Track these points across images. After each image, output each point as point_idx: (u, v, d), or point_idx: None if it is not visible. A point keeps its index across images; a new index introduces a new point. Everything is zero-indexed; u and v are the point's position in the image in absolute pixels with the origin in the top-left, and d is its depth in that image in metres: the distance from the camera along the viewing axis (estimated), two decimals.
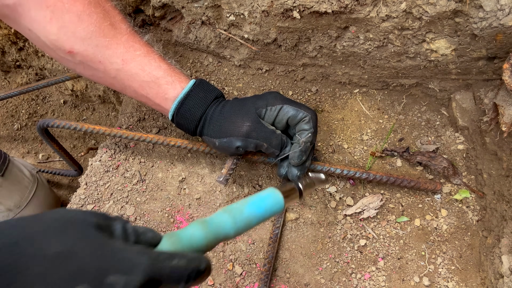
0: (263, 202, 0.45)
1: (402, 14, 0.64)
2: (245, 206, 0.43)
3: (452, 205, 0.75)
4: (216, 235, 0.39)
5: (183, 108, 0.69)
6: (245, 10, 0.74)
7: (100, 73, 0.68)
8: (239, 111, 0.69)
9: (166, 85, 0.68)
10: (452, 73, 0.74)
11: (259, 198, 0.45)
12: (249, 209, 0.43)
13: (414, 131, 0.83)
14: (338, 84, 0.90)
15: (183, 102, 0.68)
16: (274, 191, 0.48)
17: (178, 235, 0.35)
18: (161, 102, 0.70)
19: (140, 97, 0.72)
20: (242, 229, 0.42)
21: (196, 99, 0.69)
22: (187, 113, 0.69)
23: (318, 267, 0.73)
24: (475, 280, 0.69)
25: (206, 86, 0.71)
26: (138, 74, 0.67)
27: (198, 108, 0.69)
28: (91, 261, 0.26)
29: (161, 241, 0.34)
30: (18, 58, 1.55)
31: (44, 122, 0.88)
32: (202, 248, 0.37)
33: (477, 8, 0.58)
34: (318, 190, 0.80)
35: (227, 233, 0.40)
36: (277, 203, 0.47)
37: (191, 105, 0.69)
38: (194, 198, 0.83)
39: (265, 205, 0.45)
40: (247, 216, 0.42)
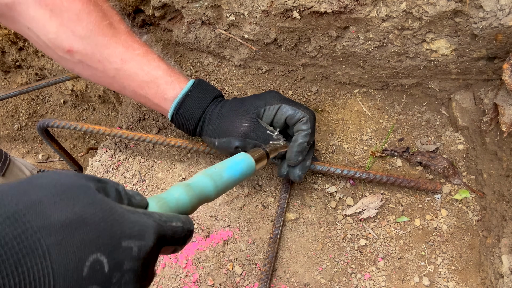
0: (239, 165, 0.49)
1: (402, 14, 0.64)
2: (224, 170, 0.46)
3: (452, 205, 0.75)
4: (200, 198, 0.40)
5: (182, 108, 0.69)
6: (245, 10, 0.74)
7: (99, 72, 0.67)
8: (238, 111, 0.69)
9: (165, 85, 0.68)
10: (452, 73, 0.74)
11: (235, 163, 0.49)
12: (228, 173, 0.46)
13: (414, 131, 0.83)
14: (338, 84, 0.90)
15: (182, 103, 0.68)
16: (246, 156, 0.53)
17: (165, 199, 0.36)
18: (160, 102, 0.70)
19: (139, 97, 0.71)
20: (222, 192, 0.45)
21: (195, 99, 0.69)
22: (187, 114, 0.69)
23: (318, 267, 0.73)
24: (475, 280, 0.69)
25: (205, 86, 0.71)
26: (137, 73, 0.67)
27: (197, 108, 0.69)
28: (104, 228, 0.25)
29: (149, 205, 0.34)
30: (18, 58, 1.55)
31: (44, 122, 0.88)
32: (188, 211, 0.38)
33: (477, 8, 0.58)
34: (318, 190, 0.80)
35: (209, 196, 0.42)
36: (250, 167, 0.52)
37: (190, 105, 0.69)
38: None
39: (241, 169, 0.49)
40: (226, 179, 0.45)
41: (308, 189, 0.81)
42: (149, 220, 0.29)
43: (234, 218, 0.80)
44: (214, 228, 0.80)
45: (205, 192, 0.42)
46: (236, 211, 0.80)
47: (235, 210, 0.80)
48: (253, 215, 0.80)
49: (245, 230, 0.78)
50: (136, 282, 0.26)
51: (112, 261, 0.25)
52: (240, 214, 0.80)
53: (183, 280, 0.76)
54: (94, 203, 0.26)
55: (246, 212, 0.80)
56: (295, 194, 0.81)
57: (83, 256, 0.24)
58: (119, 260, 0.25)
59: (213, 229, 0.80)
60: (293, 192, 0.81)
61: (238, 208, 0.81)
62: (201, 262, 0.77)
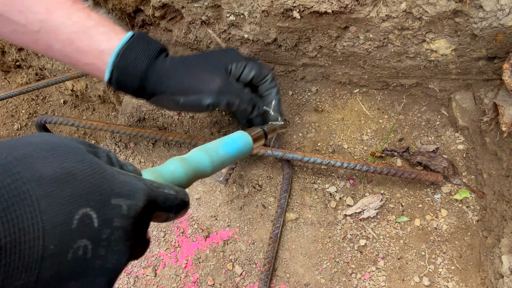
0: (236, 143, 0.49)
1: (402, 14, 0.64)
2: (220, 146, 0.46)
3: (452, 205, 0.75)
4: (195, 172, 0.40)
5: (122, 61, 0.59)
6: (245, 10, 0.74)
7: (20, 27, 0.57)
8: (205, 66, 0.63)
9: (100, 35, 0.59)
10: (452, 73, 0.74)
11: (232, 140, 0.49)
12: (224, 149, 0.46)
13: (414, 131, 0.83)
14: (338, 84, 0.90)
15: (123, 54, 0.59)
16: (244, 133, 0.52)
17: (160, 171, 0.36)
18: (94, 56, 0.59)
19: (69, 56, 0.61)
20: (218, 168, 0.44)
21: (138, 50, 0.60)
22: (130, 67, 0.60)
23: (318, 267, 0.73)
24: (475, 280, 0.69)
25: (147, 38, 0.62)
26: (65, 24, 0.57)
27: (141, 59, 0.60)
28: (94, 184, 0.25)
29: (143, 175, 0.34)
30: (18, 58, 1.55)
31: (42, 119, 0.88)
32: (183, 185, 0.38)
33: (477, 8, 0.58)
34: (318, 190, 0.80)
35: (205, 171, 0.42)
36: (247, 145, 0.51)
37: (133, 56, 0.59)
38: (194, 198, 0.83)
39: (237, 146, 0.49)
40: (222, 156, 0.45)
41: (308, 189, 0.81)
42: (140, 183, 0.28)
43: (234, 218, 0.80)
44: (214, 228, 0.80)
45: (201, 167, 0.41)
46: (236, 211, 0.80)
47: (235, 210, 0.80)
48: (253, 215, 0.80)
49: (245, 230, 0.78)
50: (126, 241, 0.26)
51: (102, 217, 0.25)
52: (240, 214, 0.80)
53: (183, 280, 0.76)
54: (84, 160, 0.26)
55: (246, 212, 0.80)
56: (295, 194, 0.81)
57: (72, 209, 0.23)
58: (109, 216, 0.25)
59: (213, 229, 0.80)
60: (293, 192, 0.81)
61: (238, 208, 0.80)
62: (201, 262, 0.77)
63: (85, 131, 1.84)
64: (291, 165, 0.81)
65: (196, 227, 0.80)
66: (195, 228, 0.80)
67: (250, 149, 0.52)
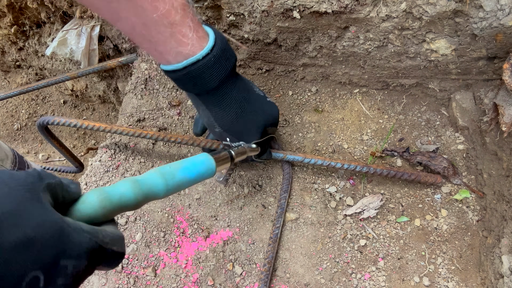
0: (196, 167, 0.48)
1: (402, 14, 0.64)
2: (178, 171, 0.45)
3: (452, 205, 0.75)
4: (146, 196, 0.40)
5: (196, 72, 0.57)
6: (245, 10, 0.74)
7: None
8: (255, 120, 0.68)
9: (180, 37, 0.54)
10: (452, 73, 0.74)
11: (192, 163, 0.48)
12: (182, 174, 0.45)
13: (414, 131, 0.83)
14: (338, 84, 0.90)
15: (200, 67, 0.57)
16: (207, 157, 0.51)
17: (108, 193, 0.36)
18: (165, 51, 0.56)
19: (135, 36, 0.57)
20: (173, 192, 0.44)
21: (215, 68, 0.58)
22: (199, 80, 0.58)
23: (318, 267, 0.73)
24: (475, 280, 0.69)
25: (227, 51, 0.59)
26: (146, 9, 0.51)
27: (214, 79, 0.59)
28: (50, 248, 0.27)
29: (90, 197, 0.34)
30: (18, 58, 1.55)
31: (44, 120, 0.88)
32: (130, 207, 0.38)
33: (477, 8, 0.58)
34: (318, 190, 0.80)
35: (158, 194, 0.42)
36: (209, 169, 0.50)
37: (209, 73, 0.58)
38: (194, 198, 0.83)
39: (197, 170, 0.48)
40: (178, 180, 0.44)
41: (308, 189, 0.81)
42: (91, 242, 0.30)
43: (234, 218, 0.80)
44: (214, 228, 0.80)
45: (154, 190, 0.41)
46: (236, 211, 0.80)
47: (235, 210, 0.80)
48: (253, 215, 0.80)
49: (245, 230, 0.78)
50: None
51: (48, 277, 0.27)
52: (240, 214, 0.80)
53: (183, 280, 0.76)
54: (45, 224, 0.27)
55: (246, 212, 0.80)
56: (295, 194, 0.81)
57: (25, 273, 0.26)
58: (55, 276, 0.27)
59: (213, 229, 0.80)
60: (293, 192, 0.81)
61: (238, 208, 0.80)
62: (201, 262, 0.77)
63: (85, 131, 1.84)
64: (291, 165, 0.81)
65: (196, 227, 0.80)
66: (195, 228, 0.80)
67: (212, 173, 0.51)
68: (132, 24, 0.53)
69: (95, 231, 0.31)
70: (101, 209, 0.34)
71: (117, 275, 0.77)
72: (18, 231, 0.26)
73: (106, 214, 0.34)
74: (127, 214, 0.82)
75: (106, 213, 0.34)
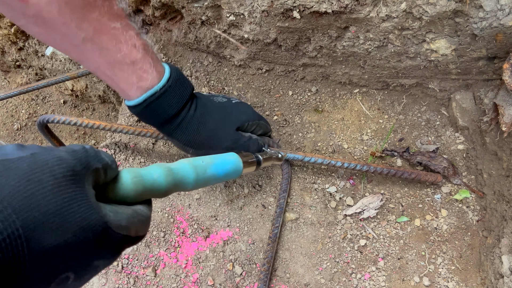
0: (225, 166, 0.48)
1: (402, 14, 0.64)
2: (210, 166, 0.45)
3: (452, 205, 0.75)
4: (176, 185, 0.39)
5: (155, 103, 0.61)
6: (245, 10, 0.74)
7: (58, 36, 0.53)
8: (222, 126, 0.67)
9: (141, 73, 0.58)
10: (452, 73, 0.74)
11: (223, 162, 0.48)
12: (212, 170, 0.45)
13: (414, 131, 0.83)
14: (338, 84, 0.90)
15: (158, 97, 0.60)
16: (237, 158, 0.52)
17: (142, 176, 0.35)
18: (127, 88, 0.59)
19: (101, 75, 0.60)
20: (200, 186, 0.44)
21: (172, 96, 0.62)
22: (159, 109, 0.62)
23: (318, 267, 0.73)
24: (475, 280, 0.69)
25: (182, 81, 0.64)
26: (110, 50, 0.55)
27: (172, 107, 0.62)
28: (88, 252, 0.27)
29: (124, 177, 0.34)
30: (18, 58, 1.55)
31: (44, 118, 0.88)
32: (160, 194, 0.38)
33: (477, 8, 0.58)
34: (318, 190, 0.80)
35: (186, 187, 0.41)
36: (237, 170, 0.51)
37: (166, 102, 0.61)
38: (194, 198, 0.83)
39: (226, 169, 0.48)
40: (208, 176, 0.44)
41: (308, 189, 0.81)
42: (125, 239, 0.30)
43: (234, 218, 0.80)
44: (214, 228, 0.80)
45: (184, 181, 0.40)
46: (236, 211, 0.80)
47: (235, 210, 0.80)
48: (253, 215, 0.80)
49: (245, 230, 0.78)
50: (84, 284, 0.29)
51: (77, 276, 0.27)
52: (240, 214, 0.80)
53: (183, 280, 0.76)
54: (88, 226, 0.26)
55: (246, 212, 0.80)
56: (295, 194, 0.81)
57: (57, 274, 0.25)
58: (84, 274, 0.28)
59: (213, 229, 0.80)
60: (293, 192, 0.81)
61: (238, 208, 0.80)
62: (201, 262, 0.77)
63: (85, 131, 1.84)
64: (290, 165, 0.81)
65: (196, 227, 0.80)
66: (195, 228, 0.80)
67: (238, 174, 0.51)
68: (97, 64, 0.57)
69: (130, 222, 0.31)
70: (134, 191, 0.34)
71: (117, 275, 0.77)
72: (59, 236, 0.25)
73: (138, 197, 0.35)
74: None
75: (138, 196, 0.35)
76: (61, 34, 0.52)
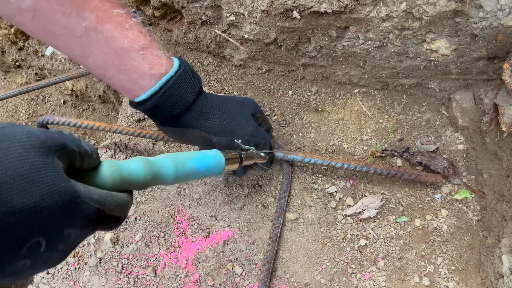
0: (206, 160, 0.47)
1: (402, 14, 0.64)
2: (190, 159, 0.44)
3: (452, 205, 0.75)
4: (155, 178, 0.39)
5: (172, 89, 0.57)
6: (245, 10, 0.74)
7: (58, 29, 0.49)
8: (241, 112, 0.69)
9: (153, 58, 0.55)
10: (452, 73, 0.74)
11: (204, 156, 0.47)
12: (193, 163, 0.44)
13: (414, 131, 0.83)
14: (338, 84, 0.90)
15: (174, 83, 0.57)
16: (218, 153, 0.51)
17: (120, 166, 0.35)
18: (140, 77, 0.55)
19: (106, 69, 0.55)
20: (180, 180, 0.42)
21: (188, 82, 0.58)
22: (177, 97, 0.58)
23: (318, 267, 0.73)
24: (475, 280, 0.69)
25: (192, 69, 0.61)
26: (116, 38, 0.52)
27: (190, 92, 0.59)
28: (55, 218, 0.27)
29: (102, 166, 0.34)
30: (18, 58, 1.55)
31: (44, 119, 0.88)
32: (139, 186, 0.37)
33: (477, 8, 0.58)
34: (318, 190, 0.80)
35: (166, 179, 0.41)
36: (219, 165, 0.50)
37: (184, 87, 0.58)
38: (194, 198, 0.83)
39: (207, 164, 0.47)
40: (188, 169, 0.43)
41: (308, 189, 0.81)
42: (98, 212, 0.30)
43: (234, 218, 0.80)
44: (214, 228, 0.80)
45: (163, 173, 0.40)
46: (236, 211, 0.80)
47: (235, 210, 0.80)
48: (253, 215, 0.80)
49: (245, 230, 0.78)
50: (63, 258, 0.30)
51: (50, 243, 0.27)
52: (240, 214, 0.80)
53: (183, 280, 0.76)
54: (56, 192, 0.27)
55: (246, 212, 0.80)
56: (295, 194, 0.81)
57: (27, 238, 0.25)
58: (57, 243, 0.28)
59: (213, 229, 0.80)
60: (293, 192, 0.81)
61: (238, 208, 0.80)
62: (201, 262, 0.77)
63: (85, 131, 1.84)
64: (291, 165, 0.81)
65: (196, 227, 0.80)
66: (195, 228, 0.80)
67: (220, 170, 0.51)
68: (104, 56, 0.53)
69: (103, 199, 0.31)
70: (110, 180, 0.34)
71: (117, 275, 0.77)
72: (27, 197, 0.25)
73: (115, 186, 0.34)
74: None
75: (115, 185, 0.34)
76: (62, 26, 0.49)
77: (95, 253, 0.79)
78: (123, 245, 0.79)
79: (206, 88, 0.94)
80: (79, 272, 0.78)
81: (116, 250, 0.79)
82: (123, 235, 0.80)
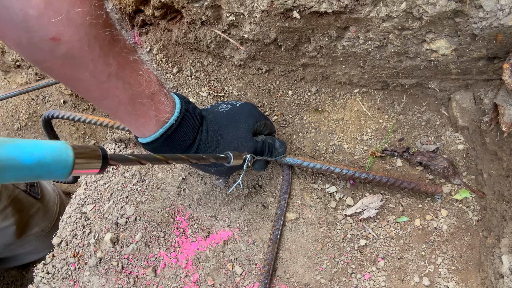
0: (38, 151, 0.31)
1: (402, 14, 0.64)
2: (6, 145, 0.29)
3: (452, 205, 0.75)
4: None
5: (172, 136, 0.61)
6: (245, 10, 0.74)
7: (84, 75, 0.50)
8: (237, 137, 0.68)
9: (159, 105, 0.58)
10: (452, 73, 0.74)
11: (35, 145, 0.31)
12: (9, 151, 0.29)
13: (414, 131, 0.83)
14: (338, 84, 0.90)
15: (174, 130, 0.61)
16: (64, 145, 0.34)
17: None
18: (146, 122, 0.59)
19: (118, 112, 0.57)
20: None
21: (187, 127, 0.62)
22: (176, 142, 0.62)
23: (318, 267, 0.73)
24: (475, 280, 0.69)
25: (192, 108, 0.65)
26: (132, 84, 0.54)
27: (188, 136, 0.63)
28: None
29: None
30: (18, 58, 1.55)
31: (49, 113, 0.89)
32: None
33: (477, 8, 0.58)
34: (318, 190, 0.80)
35: None
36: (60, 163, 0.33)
37: (182, 132, 0.62)
38: (194, 198, 0.83)
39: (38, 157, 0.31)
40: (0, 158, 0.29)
41: (308, 189, 0.81)
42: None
43: (234, 218, 0.80)
44: (214, 228, 0.80)
45: None
46: (236, 211, 0.80)
47: (235, 210, 0.80)
48: (253, 215, 0.80)
49: (245, 230, 0.78)
50: None
51: None
52: (240, 214, 0.80)
53: (183, 280, 0.76)
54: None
55: (246, 212, 0.80)
56: (295, 194, 0.81)
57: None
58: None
59: (213, 229, 0.79)
60: (293, 192, 0.81)
61: (238, 208, 0.80)
62: (201, 262, 0.77)
63: (85, 131, 1.84)
64: (290, 166, 0.81)
65: (196, 227, 0.80)
66: (195, 228, 0.80)
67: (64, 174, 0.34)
68: (119, 101, 0.55)
69: None
70: None
71: (117, 275, 0.77)
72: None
73: None
74: (127, 214, 0.82)
75: None
76: (89, 72, 0.50)
77: (95, 253, 0.79)
78: (123, 245, 0.79)
79: (206, 88, 0.94)
80: (79, 272, 0.78)
81: (116, 250, 0.79)
82: (123, 235, 0.80)
